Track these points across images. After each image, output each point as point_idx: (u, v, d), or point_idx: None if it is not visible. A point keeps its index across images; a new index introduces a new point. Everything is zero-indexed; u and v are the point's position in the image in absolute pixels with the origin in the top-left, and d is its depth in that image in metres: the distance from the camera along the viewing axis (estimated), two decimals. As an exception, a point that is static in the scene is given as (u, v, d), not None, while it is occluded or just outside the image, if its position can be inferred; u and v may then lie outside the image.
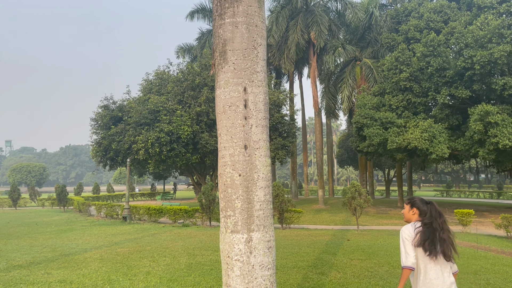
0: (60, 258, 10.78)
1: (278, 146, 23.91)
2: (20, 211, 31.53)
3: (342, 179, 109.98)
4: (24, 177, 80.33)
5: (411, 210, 3.72)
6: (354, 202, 17.14)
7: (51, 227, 19.23)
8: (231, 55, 3.76)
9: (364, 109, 23.80)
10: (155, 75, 23.65)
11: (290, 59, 29.53)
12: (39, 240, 14.39)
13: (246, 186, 3.66)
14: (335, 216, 23.74)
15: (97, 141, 23.06)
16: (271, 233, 3.76)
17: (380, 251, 11.29)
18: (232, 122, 3.71)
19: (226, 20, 3.80)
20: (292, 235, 15.26)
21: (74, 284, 7.84)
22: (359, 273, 8.54)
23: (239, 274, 3.59)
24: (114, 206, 23.06)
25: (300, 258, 10.32)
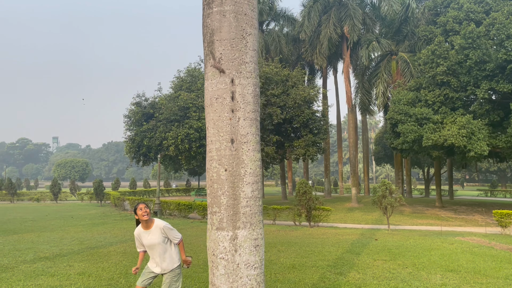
0: (86, 251, 11.04)
1: (308, 143, 23.52)
2: (60, 205, 32.86)
3: (381, 177, 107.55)
4: (68, 172, 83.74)
5: None
6: (384, 201, 16.63)
7: (85, 220, 19.85)
8: (219, 46, 3.61)
9: (398, 105, 23.01)
10: (186, 72, 23.87)
11: (323, 54, 29.00)
12: (70, 233, 14.85)
13: (232, 182, 3.51)
14: (368, 215, 23.16)
15: (131, 137, 23.57)
16: (258, 231, 3.59)
17: (407, 252, 10.83)
18: (218, 115, 3.57)
19: (213, 9, 3.65)
20: (318, 234, 14.96)
21: (91, 276, 7.97)
22: (380, 274, 8.19)
23: (223, 272, 3.45)
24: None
25: (321, 257, 10.06)
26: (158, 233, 4.82)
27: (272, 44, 31.77)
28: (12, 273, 8.28)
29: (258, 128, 3.72)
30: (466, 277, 8.00)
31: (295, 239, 13.34)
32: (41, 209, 27.95)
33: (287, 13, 34.22)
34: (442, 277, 7.98)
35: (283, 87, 23.41)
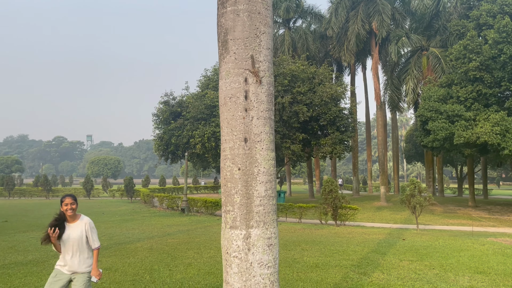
0: (114, 246, 11.34)
1: (335, 141, 23.26)
2: (92, 201, 33.84)
3: (412, 176, 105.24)
4: (101, 169, 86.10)
5: None
6: (413, 200, 16.26)
7: (115, 216, 20.37)
8: (232, 45, 3.62)
9: (429, 102, 22.42)
10: (213, 70, 24.06)
11: (350, 50, 28.60)
12: (100, 229, 15.25)
13: (246, 181, 3.52)
14: (396, 214, 22.72)
15: (159, 135, 24.01)
16: (272, 230, 3.59)
17: (435, 253, 10.57)
18: (232, 114, 3.59)
19: (227, 8, 3.67)
20: (344, 233, 14.80)
21: (118, 272, 8.18)
22: (405, 275, 8.03)
23: (237, 271, 3.47)
24: (174, 198, 23.90)
25: (346, 256, 9.95)
26: (81, 229, 4.55)
27: (299, 41, 31.58)
28: (42, 266, 8.60)
29: (272, 127, 3.71)
30: (495, 279, 7.74)
31: (320, 238, 13.25)
32: (74, 205, 28.83)
33: (314, 10, 33.92)
34: (470, 279, 7.75)
35: (310, 84, 23.24)
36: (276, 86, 21.88)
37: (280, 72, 22.29)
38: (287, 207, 19.28)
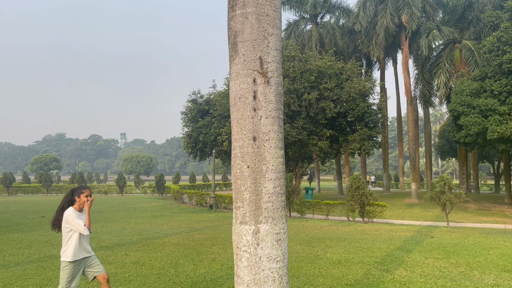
0: (142, 241, 11.72)
1: (364, 137, 23.01)
2: (125, 197, 34.84)
3: (447, 172, 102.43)
4: (134, 166, 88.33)
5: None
6: (443, 197, 15.93)
7: (146, 212, 20.94)
8: (241, 47, 3.75)
9: (461, 96, 21.82)
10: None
11: (379, 45, 28.14)
12: (131, 224, 15.78)
13: (255, 178, 3.64)
14: (427, 212, 22.28)
15: (188, 133, 24.45)
16: (281, 226, 3.70)
17: (463, 251, 10.36)
18: (241, 114, 3.71)
19: (237, 11, 3.79)
20: (371, 230, 14.69)
21: (144, 266, 8.49)
22: (429, 272, 7.95)
23: (246, 265, 3.61)
24: (203, 195, 24.32)
25: (370, 253, 9.92)
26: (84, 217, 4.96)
27: (326, 37, 31.31)
28: (75, 260, 9.01)
29: (281, 126, 3.82)
30: (523, 278, 7.55)
31: (346, 235, 13.22)
32: (108, 201, 29.81)
33: (342, 4, 33.54)
34: (496, 277, 7.59)
35: (337, 80, 23.06)
36: (302, 83, 21.84)
37: (306, 69, 22.23)
38: (314, 204, 19.27)
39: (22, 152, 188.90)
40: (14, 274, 7.68)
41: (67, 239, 4.82)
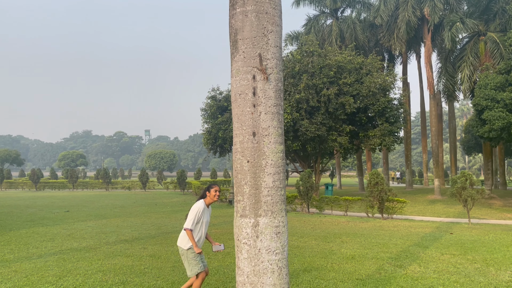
0: (161, 235, 11.98)
1: (384, 132, 22.70)
2: (148, 193, 35.49)
3: (474, 168, 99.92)
4: (157, 162, 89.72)
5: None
6: (464, 193, 15.64)
7: (167, 207, 21.33)
8: (241, 44, 3.83)
9: (485, 90, 21.28)
10: (259, 64, 24.23)
11: (400, 38, 27.67)
12: (151, 219, 16.12)
13: (254, 172, 3.73)
14: (450, 208, 21.88)
15: (207, 129, 24.71)
16: (280, 219, 3.78)
17: (482, 247, 10.21)
18: (242, 110, 3.81)
19: (237, 9, 3.87)
20: (389, 226, 14.57)
21: (160, 259, 8.71)
22: (443, 268, 7.89)
23: (246, 256, 3.71)
24: (223, 190, 24.55)
25: (385, 249, 9.88)
26: (209, 213, 5.54)
27: (347, 31, 30.99)
28: (94, 253, 9.33)
29: (281, 122, 3.89)
30: (540, 275, 7.40)
31: (363, 231, 13.17)
32: (131, 196, 30.46)
33: (363, -2, 33.10)
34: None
35: (357, 75, 22.82)
36: (321, 78, 21.72)
37: (325, 64, 22.09)
38: (333, 200, 19.22)
39: (51, 149, 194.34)
40: (36, 265, 8.02)
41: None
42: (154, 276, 7.20)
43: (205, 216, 5.35)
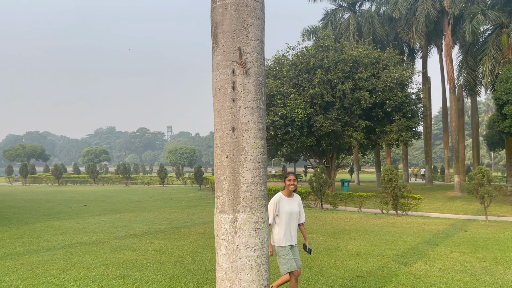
0: (170, 230, 12.09)
1: (401, 128, 22.28)
2: (166, 188, 35.89)
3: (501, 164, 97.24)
4: (178, 158, 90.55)
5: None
6: (481, 189, 15.22)
7: (182, 203, 21.51)
8: (221, 38, 3.78)
9: (506, 84, 20.65)
10: (274, 60, 24.18)
11: (419, 32, 27.07)
12: (164, 214, 16.28)
13: (233, 168, 3.69)
14: (469, 205, 21.34)
15: (223, 125, 24.76)
16: (259, 215, 3.73)
17: (494, 245, 9.91)
18: (221, 105, 3.77)
19: (217, 3, 3.83)
20: (402, 223, 14.32)
21: (165, 253, 8.78)
22: (449, 266, 7.69)
23: (225, 252, 3.68)
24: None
25: (393, 246, 9.71)
26: (297, 203, 5.24)
27: (364, 25, 30.51)
28: (101, 246, 9.48)
29: (261, 116, 3.83)
30: (550, 275, 7.13)
31: (374, 227, 12.98)
32: (149, 191, 30.87)
33: (382, -9, 32.51)
34: (521, 274, 7.22)
35: (373, 69, 22.46)
36: (336, 73, 21.47)
37: (341, 59, 21.81)
38: (347, 196, 19.01)
39: (76, 145, 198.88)
40: (43, 258, 8.20)
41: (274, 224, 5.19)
42: (155, 271, 7.26)
43: (284, 207, 5.09)
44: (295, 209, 5.15)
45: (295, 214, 5.14)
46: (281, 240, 5.04)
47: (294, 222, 5.14)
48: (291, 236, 5.12)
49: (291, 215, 5.10)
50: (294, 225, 5.17)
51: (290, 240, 5.10)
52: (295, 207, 5.16)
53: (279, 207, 5.09)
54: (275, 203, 5.09)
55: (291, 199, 5.17)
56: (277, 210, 5.09)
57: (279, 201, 5.12)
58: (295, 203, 5.19)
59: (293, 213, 5.12)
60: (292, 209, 5.11)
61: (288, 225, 5.09)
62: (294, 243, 5.18)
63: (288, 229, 5.08)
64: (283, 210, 5.07)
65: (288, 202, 5.14)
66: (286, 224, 5.08)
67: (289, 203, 5.13)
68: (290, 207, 5.11)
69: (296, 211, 5.15)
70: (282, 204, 5.10)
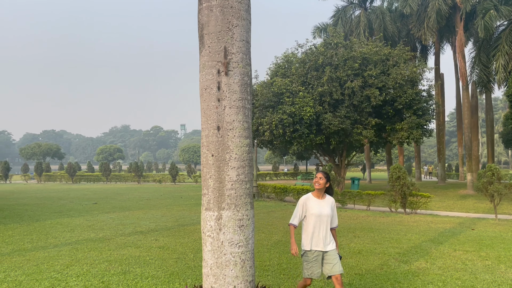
0: (176, 227, 12.24)
1: (412, 125, 22.08)
2: (177, 186, 36.20)
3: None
4: (191, 156, 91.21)
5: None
6: (490, 187, 15.03)
7: (191, 200, 21.70)
8: (207, 39, 3.87)
9: (519, 80, 20.33)
10: (284, 57, 24.18)
11: (430, 28, 26.74)
12: (172, 212, 16.47)
13: (218, 166, 3.78)
14: (481, 203, 21.05)
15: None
16: (244, 212, 3.81)
17: (500, 244, 9.81)
18: (207, 104, 3.85)
19: (203, 4, 3.91)
20: (409, 221, 14.23)
21: (168, 250, 8.92)
22: (450, 265, 7.66)
23: (210, 249, 3.77)
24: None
25: (396, 244, 9.68)
26: (329, 206, 4.74)
27: (375, 22, 30.27)
28: (107, 243, 9.67)
29: (247, 115, 3.90)
30: (552, 274, 7.05)
31: (380, 226, 12.94)
32: (160, 189, 31.18)
33: (393, -13, 32.20)
34: (522, 272, 7.15)
35: (383, 67, 22.29)
36: (345, 71, 21.37)
37: (350, 56, 21.70)
38: (355, 195, 18.95)
39: (91, 143, 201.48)
40: (49, 254, 8.41)
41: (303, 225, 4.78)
42: (156, 267, 7.39)
43: (313, 208, 4.63)
44: (326, 211, 4.65)
45: (326, 217, 4.63)
46: (306, 244, 4.63)
47: (324, 225, 4.63)
48: (319, 240, 4.61)
49: (320, 217, 4.61)
50: (325, 229, 4.64)
51: (317, 245, 4.61)
52: (326, 209, 4.66)
53: (307, 208, 4.67)
54: (302, 203, 4.71)
55: (322, 200, 4.70)
56: (305, 211, 4.69)
57: (307, 201, 4.70)
58: (327, 205, 4.70)
59: (323, 215, 4.62)
60: (321, 211, 4.63)
61: (316, 228, 4.62)
62: (325, 249, 4.62)
63: (316, 233, 4.61)
64: (310, 212, 4.63)
65: (318, 203, 4.68)
66: (313, 227, 4.62)
67: (319, 205, 4.67)
68: (320, 209, 4.64)
69: (326, 214, 4.65)
70: (310, 205, 4.67)
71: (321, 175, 4.70)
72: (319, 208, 4.63)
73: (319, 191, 4.70)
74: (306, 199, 4.69)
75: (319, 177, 4.68)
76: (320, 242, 4.60)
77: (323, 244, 4.60)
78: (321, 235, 4.61)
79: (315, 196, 4.72)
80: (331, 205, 4.76)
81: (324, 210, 4.64)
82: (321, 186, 4.67)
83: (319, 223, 4.60)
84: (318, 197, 4.71)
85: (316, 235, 4.60)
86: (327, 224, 4.66)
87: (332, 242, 4.70)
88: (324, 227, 4.63)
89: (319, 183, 4.65)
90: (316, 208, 4.62)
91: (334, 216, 4.79)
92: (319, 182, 4.66)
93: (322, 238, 4.60)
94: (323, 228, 4.62)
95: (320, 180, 4.66)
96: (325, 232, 4.63)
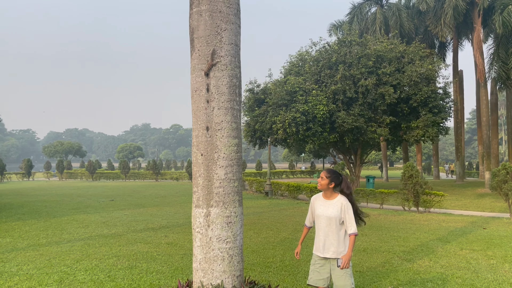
0: (186, 224, 12.48)
1: (427, 123, 21.83)
2: (194, 184, 36.61)
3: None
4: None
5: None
6: (505, 186, 14.82)
7: (205, 198, 21.96)
8: (197, 43, 4.03)
9: (538, 77, 19.89)
10: (298, 56, 24.22)
11: (447, 24, 26.33)
12: (185, 209, 16.75)
13: (207, 165, 3.94)
14: (498, 202, 20.70)
15: (247, 122, 25.06)
16: (232, 210, 3.96)
17: (509, 243, 9.72)
18: (197, 106, 4.01)
19: (193, 9, 4.07)
20: (421, 220, 14.15)
21: (176, 246, 9.15)
22: (454, 264, 7.65)
23: (199, 244, 3.94)
24: (261, 182, 24.88)
25: (403, 243, 9.69)
26: (335, 207, 4.16)
27: (391, 19, 29.97)
28: (118, 239, 9.97)
29: (236, 116, 4.05)
30: (556, 274, 6.99)
31: (389, 224, 12.92)
32: (176, 187, 31.63)
33: (410, -17, 31.80)
34: (526, 272, 7.11)
35: (398, 64, 22.10)
36: (359, 68, 21.28)
37: (364, 54, 21.59)
38: (368, 193, 18.89)
39: (112, 141, 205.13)
40: (61, 249, 8.74)
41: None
42: (162, 262, 7.61)
43: (318, 209, 4.24)
44: (328, 213, 4.14)
45: (328, 219, 4.12)
46: (315, 246, 4.27)
47: (324, 228, 4.15)
48: (323, 245, 4.16)
49: (328, 220, 4.13)
50: (333, 233, 4.11)
51: (317, 249, 4.21)
52: (330, 211, 4.14)
53: (314, 208, 4.33)
54: (311, 204, 4.38)
55: (329, 201, 4.19)
56: (312, 211, 4.36)
57: (314, 202, 4.34)
58: (333, 206, 4.15)
59: (329, 217, 4.13)
60: (325, 212, 4.16)
61: (322, 231, 4.17)
62: (323, 255, 4.16)
63: (321, 236, 4.17)
64: (315, 213, 4.28)
65: (323, 204, 4.22)
66: (317, 229, 4.24)
67: (324, 206, 4.20)
68: (323, 210, 4.19)
69: (328, 216, 4.13)
70: (316, 205, 4.29)
71: (323, 174, 4.22)
72: (322, 209, 4.20)
73: (324, 191, 4.26)
74: (314, 199, 4.34)
75: (321, 176, 4.23)
76: (319, 247, 4.18)
77: (322, 249, 4.16)
78: (321, 238, 4.17)
79: (323, 196, 4.27)
80: (338, 206, 4.13)
81: (326, 212, 4.15)
82: (322, 187, 4.20)
83: (320, 225, 4.19)
84: (326, 197, 4.24)
85: (322, 239, 4.16)
86: (330, 227, 4.13)
87: (334, 249, 4.11)
88: (325, 230, 4.15)
89: (320, 183, 4.20)
90: (319, 209, 4.22)
91: (346, 220, 4.12)
92: (320, 182, 4.20)
93: (321, 242, 4.16)
94: (331, 232, 4.11)
95: (322, 180, 4.19)
96: (325, 236, 4.14)
